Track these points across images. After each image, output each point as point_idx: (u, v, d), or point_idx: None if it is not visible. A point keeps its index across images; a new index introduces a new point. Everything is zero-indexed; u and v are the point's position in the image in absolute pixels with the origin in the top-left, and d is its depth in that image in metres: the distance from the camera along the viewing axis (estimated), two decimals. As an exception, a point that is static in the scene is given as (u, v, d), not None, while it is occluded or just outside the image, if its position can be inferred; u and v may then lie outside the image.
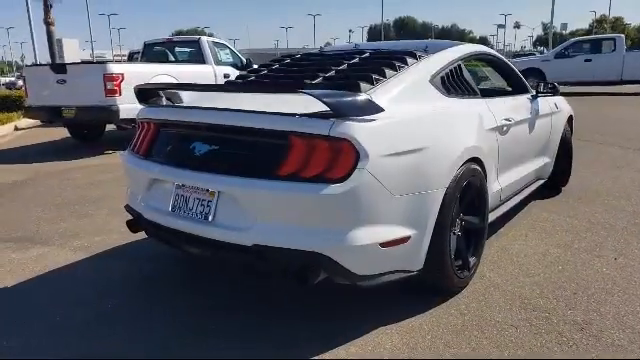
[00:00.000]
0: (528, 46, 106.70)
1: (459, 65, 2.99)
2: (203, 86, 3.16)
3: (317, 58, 3.16)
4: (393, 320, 2.36)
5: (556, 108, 4.24)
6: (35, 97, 7.73)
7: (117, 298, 2.68)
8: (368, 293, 2.40)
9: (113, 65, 7.27)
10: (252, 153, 2.21)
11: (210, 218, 2.26)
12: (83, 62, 12.81)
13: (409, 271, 2.30)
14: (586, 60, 15.62)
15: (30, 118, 8.58)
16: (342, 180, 2.00)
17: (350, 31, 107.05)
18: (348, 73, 2.69)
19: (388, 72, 2.58)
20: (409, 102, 2.44)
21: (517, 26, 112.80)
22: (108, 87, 7.08)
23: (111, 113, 7.12)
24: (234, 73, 9.79)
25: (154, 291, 2.77)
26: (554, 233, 3.53)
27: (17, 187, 5.36)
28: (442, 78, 2.79)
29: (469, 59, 3.19)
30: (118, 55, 62.92)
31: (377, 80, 2.49)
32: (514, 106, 3.47)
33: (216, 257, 2.35)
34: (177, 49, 10.14)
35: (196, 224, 2.30)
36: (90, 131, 8.54)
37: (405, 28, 77.06)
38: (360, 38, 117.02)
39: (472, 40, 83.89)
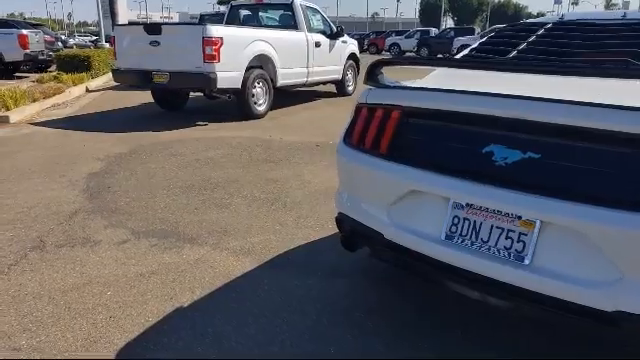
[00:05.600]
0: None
1: None
2: (476, 62, 2.22)
3: (594, 29, 2.34)
4: None
5: None
6: (124, 59, 7.15)
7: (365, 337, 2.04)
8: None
9: (213, 27, 6.58)
10: (615, 170, 1.47)
11: (526, 260, 1.56)
12: (180, 23, 12.26)
13: None
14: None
15: (118, 82, 8.08)
16: None
17: (398, 1, 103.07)
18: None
19: None
20: None
21: (575, 2, 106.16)
22: (207, 52, 6.41)
23: (209, 81, 6.48)
24: (325, 41, 9.00)
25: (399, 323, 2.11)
26: None
27: (124, 161, 4.81)
28: None
29: None
30: (166, 17, 62.70)
31: None
32: None
33: (523, 311, 1.67)
34: (263, 13, 9.37)
35: (497, 264, 1.60)
36: (177, 99, 7.97)
37: (460, 1, 73.52)
38: (413, 10, 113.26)
39: (530, 16, 79.39)
